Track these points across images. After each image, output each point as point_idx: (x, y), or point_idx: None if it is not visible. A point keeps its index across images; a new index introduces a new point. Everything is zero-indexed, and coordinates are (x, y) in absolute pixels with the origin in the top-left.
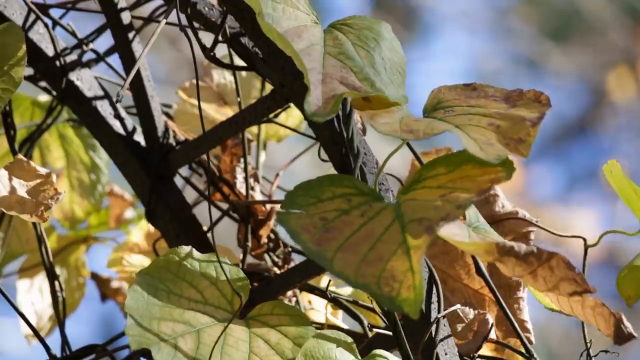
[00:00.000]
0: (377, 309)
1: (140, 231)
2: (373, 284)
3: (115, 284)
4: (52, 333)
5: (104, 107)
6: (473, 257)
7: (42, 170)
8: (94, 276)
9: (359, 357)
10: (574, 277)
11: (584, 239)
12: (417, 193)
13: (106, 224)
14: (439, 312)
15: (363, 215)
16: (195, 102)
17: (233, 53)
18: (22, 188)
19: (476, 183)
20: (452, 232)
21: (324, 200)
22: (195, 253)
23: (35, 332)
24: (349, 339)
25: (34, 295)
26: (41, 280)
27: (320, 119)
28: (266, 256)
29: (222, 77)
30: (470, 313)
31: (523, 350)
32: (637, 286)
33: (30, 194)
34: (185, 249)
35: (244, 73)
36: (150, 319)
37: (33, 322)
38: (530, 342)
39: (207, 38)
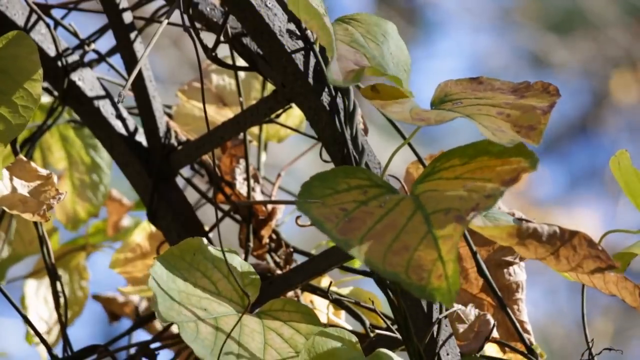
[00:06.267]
0: (378, 309)
1: (143, 232)
2: (402, 273)
3: (120, 299)
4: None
5: (105, 108)
6: (475, 259)
7: (43, 172)
8: (98, 298)
9: (363, 355)
10: (598, 254)
11: None
12: (434, 184)
13: (104, 233)
14: (440, 312)
15: (382, 207)
16: (195, 102)
17: (235, 53)
18: (23, 188)
19: (497, 173)
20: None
21: (340, 192)
22: (208, 246)
23: (37, 332)
24: (354, 337)
25: (39, 304)
26: (45, 289)
27: (342, 85)
28: (268, 256)
29: (220, 79)
30: (472, 314)
31: (524, 351)
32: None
33: (32, 195)
34: (199, 240)
35: (243, 74)
36: (172, 301)
37: (39, 327)
38: (531, 344)
39: (209, 38)
